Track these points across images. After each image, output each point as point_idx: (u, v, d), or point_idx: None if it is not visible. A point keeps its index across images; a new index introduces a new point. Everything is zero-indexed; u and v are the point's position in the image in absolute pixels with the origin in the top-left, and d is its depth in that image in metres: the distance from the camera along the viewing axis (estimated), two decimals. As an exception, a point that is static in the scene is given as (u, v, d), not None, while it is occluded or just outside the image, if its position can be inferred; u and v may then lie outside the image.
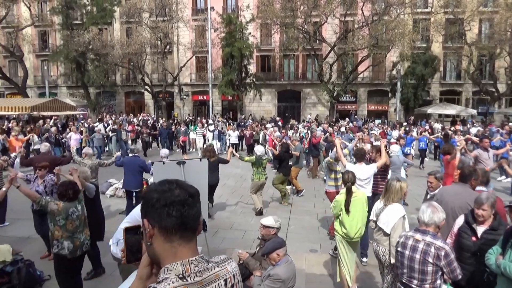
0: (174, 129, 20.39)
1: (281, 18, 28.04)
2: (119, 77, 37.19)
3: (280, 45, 33.41)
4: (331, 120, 27.50)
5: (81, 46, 28.69)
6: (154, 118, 28.38)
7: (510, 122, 20.72)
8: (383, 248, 4.47)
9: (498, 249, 3.42)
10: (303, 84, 35.45)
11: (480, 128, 20.49)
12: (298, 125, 22.28)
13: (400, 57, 29.14)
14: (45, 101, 23.60)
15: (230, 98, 32.81)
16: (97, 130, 17.50)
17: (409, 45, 27.20)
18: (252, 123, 21.91)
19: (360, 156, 6.62)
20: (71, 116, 26.02)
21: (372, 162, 7.19)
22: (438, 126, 21.11)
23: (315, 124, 22.35)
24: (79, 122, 21.90)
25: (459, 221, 4.09)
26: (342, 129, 17.50)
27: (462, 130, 17.88)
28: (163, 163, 5.62)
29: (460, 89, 33.94)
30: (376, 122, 26.70)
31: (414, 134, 16.37)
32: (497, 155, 10.47)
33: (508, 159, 9.68)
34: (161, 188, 1.31)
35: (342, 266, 5.16)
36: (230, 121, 28.74)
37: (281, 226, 4.70)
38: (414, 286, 3.40)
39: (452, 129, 17.46)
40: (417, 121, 27.81)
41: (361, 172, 6.32)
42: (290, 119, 27.86)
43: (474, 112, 30.15)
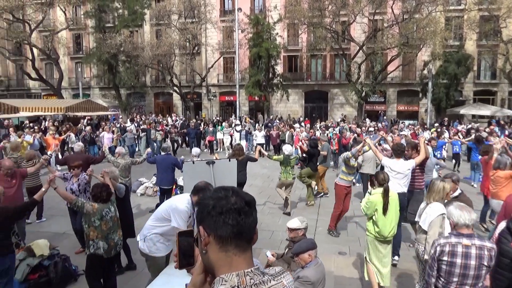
0: (202, 129, 20.66)
1: (308, 18, 27.84)
2: (149, 78, 38.00)
3: (307, 45, 33.16)
4: (360, 120, 27.08)
5: (113, 48, 29.51)
6: (183, 118, 28.84)
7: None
8: (423, 246, 4.43)
9: None
10: (331, 84, 35.06)
11: None
12: (326, 124, 22.04)
13: (431, 56, 28.32)
14: (79, 101, 24.50)
15: (257, 98, 32.88)
16: (128, 130, 17.86)
17: (441, 43, 26.35)
18: (278, 123, 21.88)
19: (399, 152, 6.54)
20: (103, 116, 26.86)
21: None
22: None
23: (347, 124, 22.10)
24: (111, 122, 22.54)
25: (501, 225, 3.96)
26: (370, 129, 17.21)
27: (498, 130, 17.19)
28: (193, 163, 5.73)
29: (495, 88, 32.60)
30: (406, 123, 26.06)
31: (446, 136, 15.87)
32: None
33: None
34: (217, 195, 1.29)
35: (370, 266, 5.16)
36: (257, 121, 28.83)
37: (307, 226, 4.70)
38: None
39: (487, 130, 16.80)
40: (450, 122, 26.98)
41: (398, 167, 6.27)
42: (317, 120, 27.65)
43: (510, 112, 28.96)
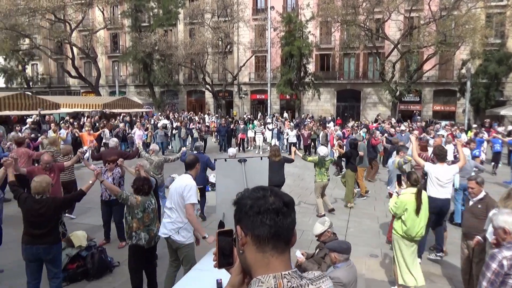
0: (232, 127, 20.76)
1: (342, 15, 27.45)
2: (182, 76, 38.69)
3: (340, 43, 32.68)
4: (396, 119, 26.37)
5: (148, 47, 30.29)
6: (217, 115, 29.30)
7: None
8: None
9: None
10: (364, 83, 34.40)
11: None
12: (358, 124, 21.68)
13: (470, 54, 27.25)
14: (115, 99, 25.42)
15: (288, 97, 32.77)
16: (159, 127, 18.03)
17: (481, 41, 25.28)
18: (310, 123, 21.69)
19: (442, 156, 6.43)
20: (138, 113, 27.64)
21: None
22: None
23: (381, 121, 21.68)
24: (146, 119, 23.12)
25: None
26: (402, 127, 16.78)
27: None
28: (225, 160, 5.79)
29: (539, 88, 30.98)
30: (442, 123, 25.17)
31: (485, 136, 15.25)
32: None
33: None
34: (255, 194, 1.27)
35: (399, 266, 5.16)
36: (288, 119, 28.75)
37: (331, 224, 4.67)
38: None
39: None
40: (491, 123, 25.80)
41: (442, 172, 6.21)
42: (350, 119, 27.22)
43: (555, 113, 27.43)
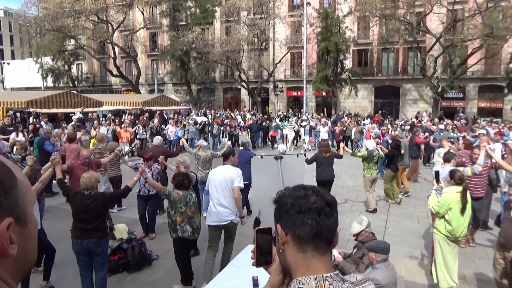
0: (265, 124, 20.49)
1: (380, 9, 26.75)
2: (218, 74, 39.17)
3: (378, 38, 31.84)
4: (437, 116, 25.39)
5: (185, 46, 30.89)
6: (252, 112, 29.46)
7: None
8: None
9: None
10: (403, 79, 33.31)
11: None
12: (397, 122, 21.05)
13: (520, 47, 25.80)
14: (154, 96, 26.25)
15: (324, 94, 32.33)
16: (190, 123, 18.41)
17: (531, 33, 23.89)
18: (347, 120, 21.31)
19: None
20: (175, 110, 28.27)
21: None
22: None
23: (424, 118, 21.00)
24: (183, 116, 23.62)
25: None
26: (441, 126, 16.14)
27: None
28: (261, 157, 5.81)
29: None
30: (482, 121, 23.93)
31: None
32: None
33: None
34: (296, 193, 1.24)
35: (440, 267, 5.02)
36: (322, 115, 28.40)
37: (369, 223, 4.61)
38: None
39: None
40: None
41: None
42: (388, 116, 26.50)
43: None
